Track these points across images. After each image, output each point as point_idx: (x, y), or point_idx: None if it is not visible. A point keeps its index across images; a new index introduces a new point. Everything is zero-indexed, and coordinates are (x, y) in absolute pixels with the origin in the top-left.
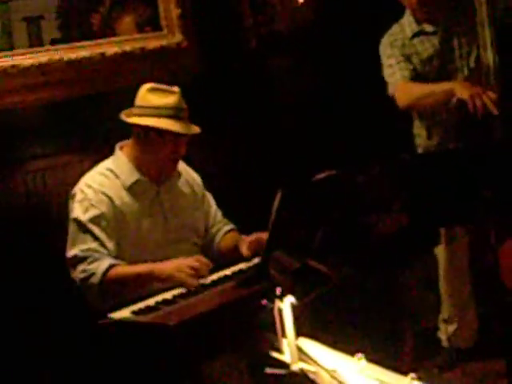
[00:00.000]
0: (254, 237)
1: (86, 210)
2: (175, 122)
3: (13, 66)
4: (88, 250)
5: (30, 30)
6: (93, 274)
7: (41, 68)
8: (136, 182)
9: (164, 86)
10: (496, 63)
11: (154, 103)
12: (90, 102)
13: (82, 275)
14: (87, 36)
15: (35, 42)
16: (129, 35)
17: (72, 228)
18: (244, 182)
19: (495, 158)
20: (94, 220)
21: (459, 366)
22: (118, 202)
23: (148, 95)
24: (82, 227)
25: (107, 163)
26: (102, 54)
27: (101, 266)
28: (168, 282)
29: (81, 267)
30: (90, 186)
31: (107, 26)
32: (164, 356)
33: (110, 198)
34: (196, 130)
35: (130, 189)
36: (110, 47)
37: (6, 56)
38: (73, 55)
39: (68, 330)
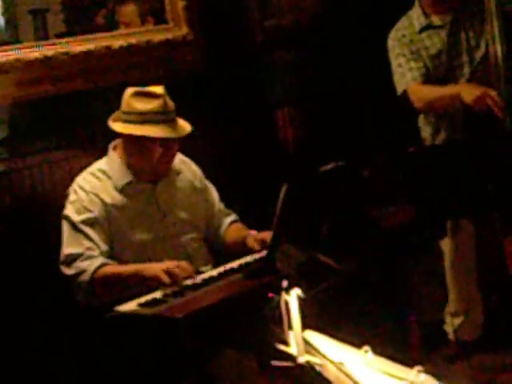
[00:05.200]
0: (264, 234)
1: (79, 212)
2: (161, 126)
3: (18, 59)
4: (83, 248)
5: (35, 22)
6: (83, 272)
7: (46, 61)
8: (128, 184)
9: (147, 90)
10: (505, 56)
11: (137, 109)
12: (95, 96)
13: (73, 271)
14: (92, 29)
15: (41, 35)
16: (132, 26)
17: (65, 227)
18: (250, 174)
19: (500, 152)
20: (87, 222)
21: (465, 358)
22: (109, 203)
23: (132, 100)
24: (76, 228)
25: (100, 164)
26: (108, 48)
27: (92, 264)
28: (153, 283)
29: (74, 264)
30: (81, 188)
31: (113, 16)
32: (171, 348)
33: (101, 200)
34: (185, 130)
35: (123, 190)
36: (115, 40)
37: (11, 49)
38: (78, 48)
39: (73, 323)
